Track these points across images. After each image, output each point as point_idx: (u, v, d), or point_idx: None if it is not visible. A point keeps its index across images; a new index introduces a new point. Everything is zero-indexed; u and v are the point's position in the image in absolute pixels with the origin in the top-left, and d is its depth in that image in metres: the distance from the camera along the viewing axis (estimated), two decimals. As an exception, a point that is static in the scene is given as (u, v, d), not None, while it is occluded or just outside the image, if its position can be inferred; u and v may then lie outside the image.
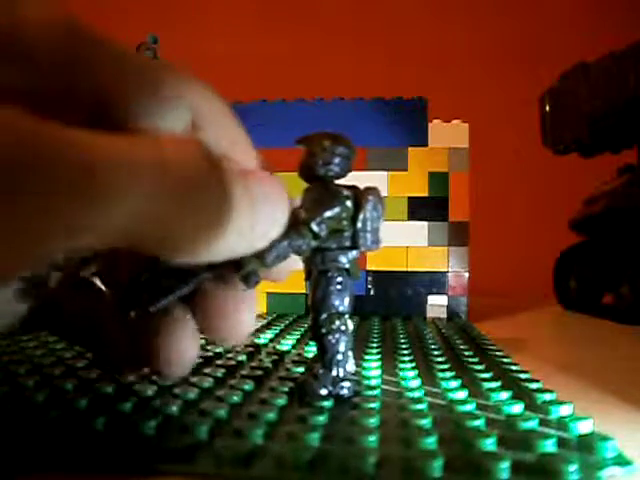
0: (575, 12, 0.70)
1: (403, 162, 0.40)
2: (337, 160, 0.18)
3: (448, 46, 0.72)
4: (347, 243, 0.18)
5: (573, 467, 0.12)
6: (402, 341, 0.29)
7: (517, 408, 0.17)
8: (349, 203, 0.18)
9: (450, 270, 0.40)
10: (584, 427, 0.15)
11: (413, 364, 0.23)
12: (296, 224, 0.17)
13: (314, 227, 0.17)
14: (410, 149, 0.40)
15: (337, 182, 0.18)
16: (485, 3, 0.72)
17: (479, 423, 0.15)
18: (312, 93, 0.41)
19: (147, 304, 0.15)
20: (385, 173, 0.40)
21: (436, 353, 0.25)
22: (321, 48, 0.73)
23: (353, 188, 0.18)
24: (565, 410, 0.16)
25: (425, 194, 0.40)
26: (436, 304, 0.40)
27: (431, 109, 0.40)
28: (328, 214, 0.17)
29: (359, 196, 0.18)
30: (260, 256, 0.16)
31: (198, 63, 0.66)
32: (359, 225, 0.18)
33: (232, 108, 0.16)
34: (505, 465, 0.12)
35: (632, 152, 0.46)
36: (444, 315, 0.40)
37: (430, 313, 0.40)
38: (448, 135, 0.40)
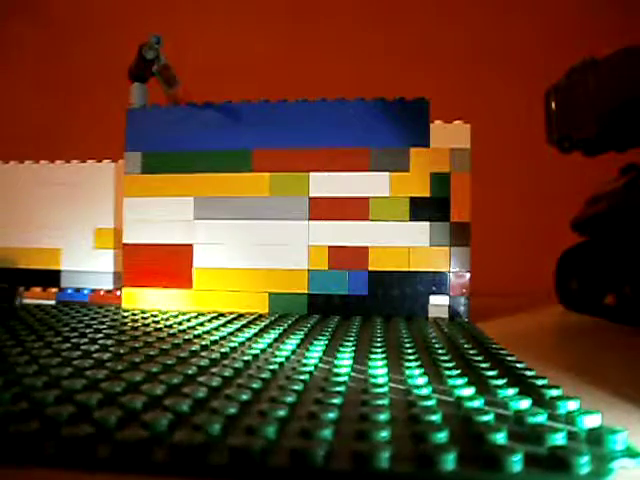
0: (575, 12, 0.70)
1: (405, 163, 0.40)
2: None
3: (450, 46, 0.72)
4: None
5: (585, 459, 0.12)
6: (406, 340, 0.29)
7: (525, 403, 0.17)
8: None
9: (452, 270, 0.40)
10: (592, 421, 0.15)
11: (418, 362, 0.23)
12: None
13: None
14: (412, 150, 0.40)
15: None
16: (486, 2, 0.72)
17: (489, 418, 0.15)
18: (314, 94, 0.41)
19: None
20: (387, 174, 0.40)
21: (440, 352, 0.25)
22: (323, 48, 0.73)
23: None
24: (572, 405, 0.17)
25: (427, 195, 0.40)
26: (438, 304, 0.40)
27: (433, 110, 0.40)
28: None
29: None
30: None
31: (200, 63, 0.66)
32: None
33: (234, 108, 0.16)
34: (518, 457, 0.12)
35: (634, 151, 0.46)
36: (445, 315, 0.40)
37: (432, 313, 0.40)
38: (450, 136, 0.40)
